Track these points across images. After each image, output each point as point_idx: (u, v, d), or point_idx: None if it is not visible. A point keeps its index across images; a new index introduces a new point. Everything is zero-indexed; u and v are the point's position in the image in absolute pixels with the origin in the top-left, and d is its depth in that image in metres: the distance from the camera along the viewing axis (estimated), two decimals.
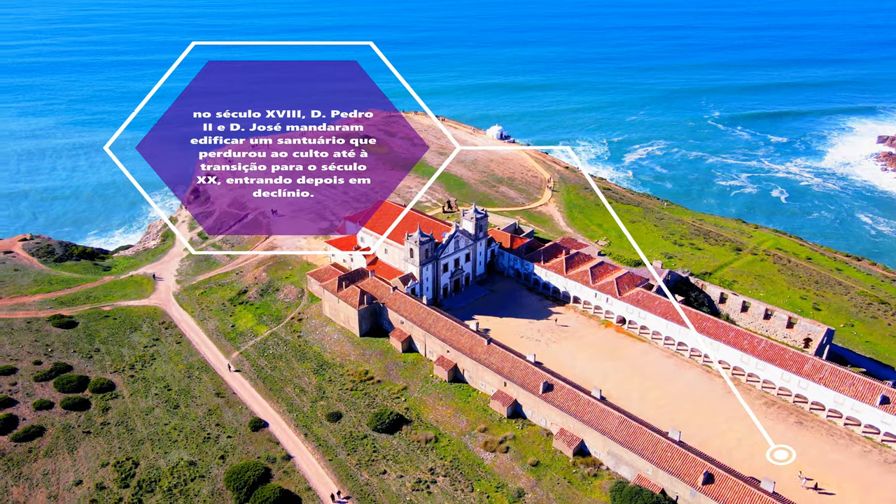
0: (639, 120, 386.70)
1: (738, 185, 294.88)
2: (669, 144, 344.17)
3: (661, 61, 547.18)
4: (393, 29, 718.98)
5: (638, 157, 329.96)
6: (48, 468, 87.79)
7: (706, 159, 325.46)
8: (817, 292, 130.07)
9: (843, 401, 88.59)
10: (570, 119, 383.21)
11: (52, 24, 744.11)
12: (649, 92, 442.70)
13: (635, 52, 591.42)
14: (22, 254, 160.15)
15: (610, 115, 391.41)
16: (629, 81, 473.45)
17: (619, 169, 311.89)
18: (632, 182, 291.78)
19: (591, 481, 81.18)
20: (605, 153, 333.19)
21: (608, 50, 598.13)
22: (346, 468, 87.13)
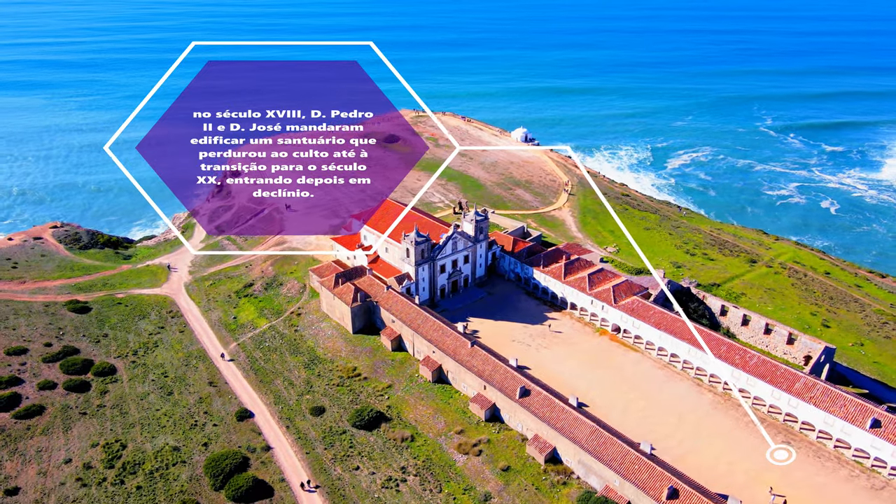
0: (685, 125, 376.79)
1: (786, 194, 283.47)
2: (716, 151, 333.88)
3: (716, 66, 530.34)
4: (445, 30, 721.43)
5: (682, 163, 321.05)
6: (42, 445, 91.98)
7: (753, 167, 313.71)
8: (830, 308, 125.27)
9: (833, 422, 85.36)
10: (614, 124, 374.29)
11: (116, 22, 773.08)
12: (700, 98, 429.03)
13: (690, 56, 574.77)
14: (50, 240, 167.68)
15: (657, 121, 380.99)
16: (681, 87, 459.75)
17: (660, 175, 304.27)
18: (673, 189, 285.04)
19: (560, 489, 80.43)
20: (647, 158, 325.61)
21: (662, 54, 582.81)
22: (322, 462, 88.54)
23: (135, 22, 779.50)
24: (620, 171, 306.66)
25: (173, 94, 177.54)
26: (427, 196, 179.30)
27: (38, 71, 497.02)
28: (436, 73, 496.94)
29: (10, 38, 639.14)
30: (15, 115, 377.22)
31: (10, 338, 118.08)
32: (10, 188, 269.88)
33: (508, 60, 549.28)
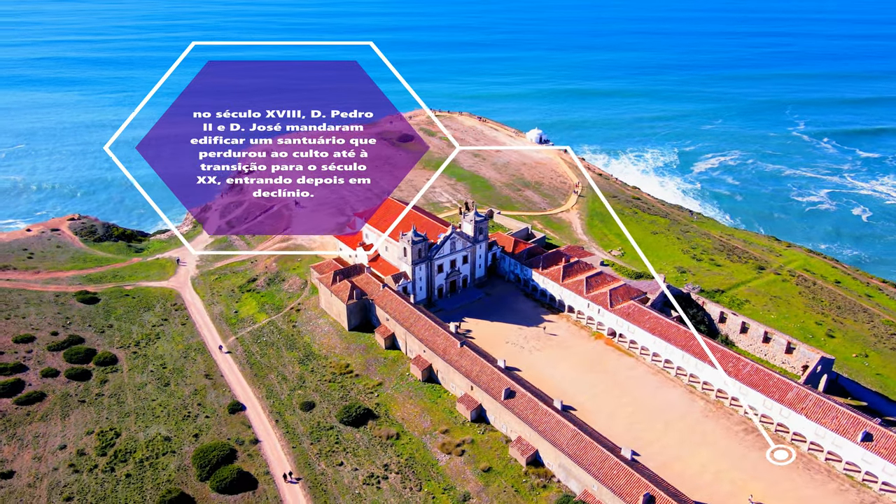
0: (714, 129, 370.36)
1: (816, 200, 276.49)
2: (744, 155, 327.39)
3: (749, 70, 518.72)
4: (472, 30, 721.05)
5: (709, 166, 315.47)
6: (40, 431, 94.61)
7: (783, 172, 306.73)
8: (836, 318, 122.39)
9: (824, 434, 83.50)
10: (641, 127, 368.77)
11: (151, 21, 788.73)
12: (731, 102, 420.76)
13: (722, 59, 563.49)
14: (67, 232, 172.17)
15: (685, 125, 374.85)
16: (711, 90, 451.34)
17: (686, 179, 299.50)
18: (698, 193, 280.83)
19: (539, 492, 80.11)
20: (673, 162, 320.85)
21: (696, 57, 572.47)
22: (307, 456, 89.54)
23: (169, 20, 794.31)
24: (645, 175, 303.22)
25: (182, 93, 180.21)
26: (435, 196, 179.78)
27: (75, 68, 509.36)
28: (461, 73, 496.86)
29: (51, 36, 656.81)
30: (51, 110, 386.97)
31: (20, 326, 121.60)
32: (43, 182, 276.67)
33: (535, 62, 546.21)
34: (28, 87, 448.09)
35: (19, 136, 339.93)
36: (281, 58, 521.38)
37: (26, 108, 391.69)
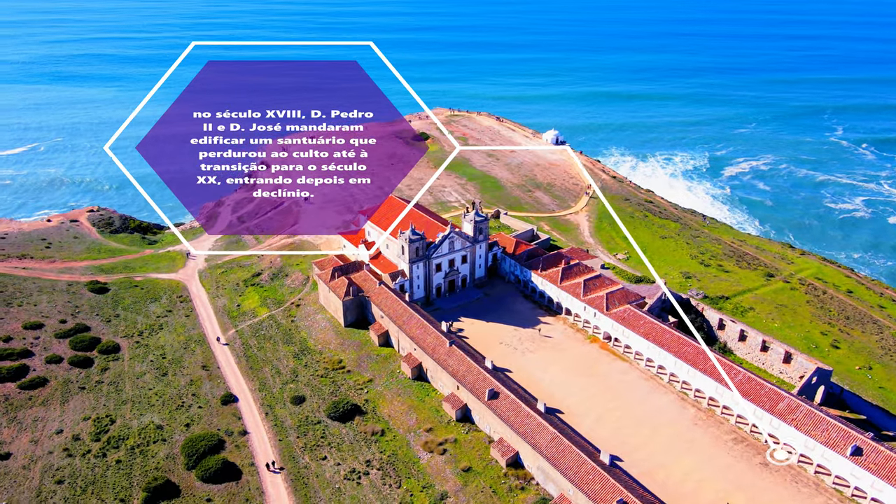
0: (747, 132, 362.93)
1: (850, 208, 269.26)
2: (777, 160, 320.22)
3: (788, 74, 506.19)
4: (507, 31, 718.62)
5: (739, 171, 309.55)
6: (39, 415, 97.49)
7: (816, 178, 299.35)
8: (843, 328, 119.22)
9: (813, 446, 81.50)
10: (673, 131, 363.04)
11: (188, 19, 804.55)
12: (767, 106, 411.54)
13: (762, 62, 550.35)
14: (85, 223, 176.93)
15: (717, 129, 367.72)
16: (747, 94, 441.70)
17: (715, 184, 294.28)
18: (727, 198, 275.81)
19: (517, 494, 79.82)
20: (703, 166, 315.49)
21: (732, 60, 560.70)
22: (292, 449, 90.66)
23: (205, 19, 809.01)
24: (673, 178, 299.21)
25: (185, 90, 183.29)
26: (444, 195, 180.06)
27: (115, 64, 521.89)
28: (491, 74, 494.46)
29: (93, 33, 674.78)
30: (89, 106, 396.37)
31: (31, 313, 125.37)
32: (77, 176, 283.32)
33: (567, 63, 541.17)
34: (69, 82, 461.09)
35: (59, 131, 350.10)
36: (282, 57, 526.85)
37: (67, 103, 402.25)
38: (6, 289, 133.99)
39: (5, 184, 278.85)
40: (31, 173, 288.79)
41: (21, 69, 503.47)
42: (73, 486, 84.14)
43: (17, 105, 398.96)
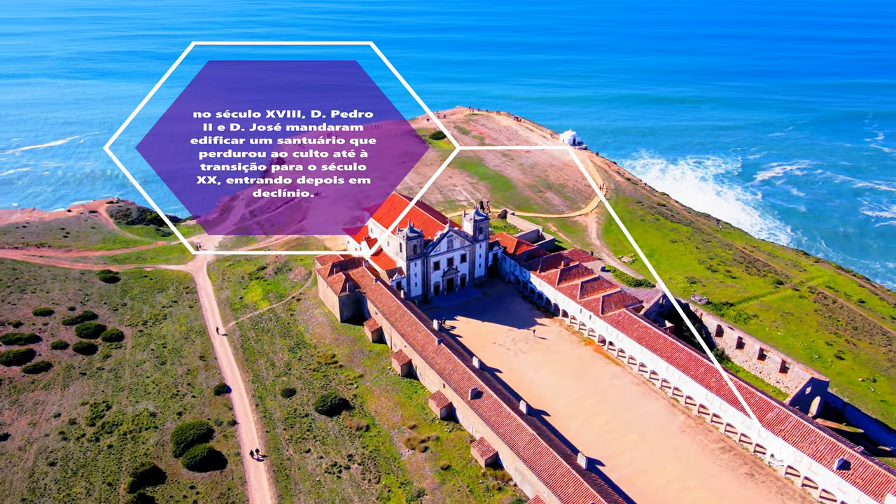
0: (783, 136, 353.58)
1: (888, 216, 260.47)
2: (813, 165, 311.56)
3: (830, 78, 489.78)
4: (532, 31, 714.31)
5: (773, 175, 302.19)
6: (39, 399, 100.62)
7: (853, 184, 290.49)
8: (850, 339, 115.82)
9: (801, 458, 79.52)
10: (706, 135, 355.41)
11: (228, 17, 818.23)
12: (806, 112, 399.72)
13: (802, 66, 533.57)
14: (103, 214, 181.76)
15: (753, 134, 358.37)
16: (787, 99, 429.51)
17: (747, 188, 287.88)
18: (759, 203, 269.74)
19: (494, 494, 79.61)
20: (735, 169, 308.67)
21: (771, 63, 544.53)
22: (278, 441, 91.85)
23: (244, 17, 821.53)
24: (703, 182, 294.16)
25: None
26: (454, 194, 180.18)
27: (156, 62, 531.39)
28: (522, 76, 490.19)
29: (137, 31, 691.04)
30: (127, 102, 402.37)
31: (43, 300, 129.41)
32: (110, 170, 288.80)
33: (600, 65, 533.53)
34: (109, 78, 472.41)
35: (99, 125, 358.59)
36: (282, 58, 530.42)
37: (106, 98, 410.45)
38: (22, 275, 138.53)
39: (44, 175, 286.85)
40: (69, 166, 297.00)
41: (65, 64, 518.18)
42: (64, 468, 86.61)
43: (61, 99, 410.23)
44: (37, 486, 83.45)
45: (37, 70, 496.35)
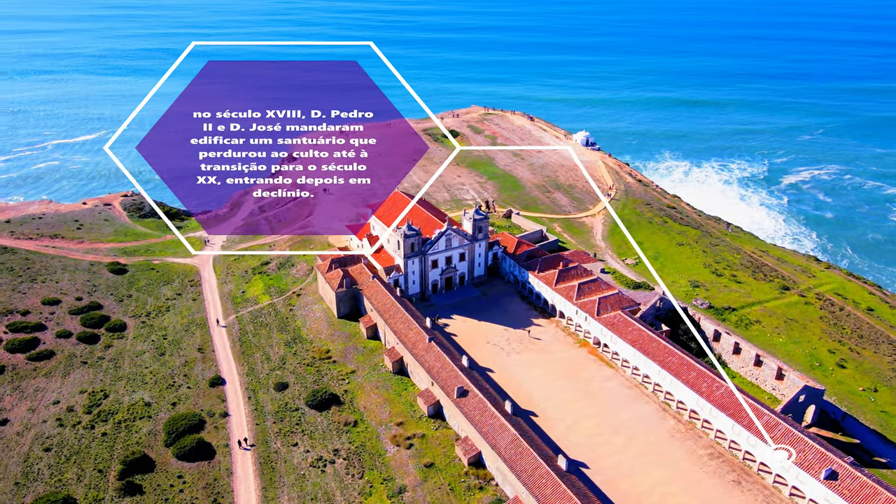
0: (811, 141, 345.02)
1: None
2: (842, 170, 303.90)
3: (865, 82, 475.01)
4: (557, 32, 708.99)
5: (800, 179, 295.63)
6: (40, 386, 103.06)
7: (884, 190, 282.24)
8: (854, 347, 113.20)
9: (788, 467, 78.10)
10: (733, 139, 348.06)
11: (259, 16, 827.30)
12: (840, 116, 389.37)
13: (841, 69, 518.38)
14: (117, 207, 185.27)
15: (781, 138, 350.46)
16: (822, 103, 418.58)
17: (772, 192, 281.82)
18: (784, 208, 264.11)
19: (474, 493, 79.54)
20: (761, 173, 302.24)
21: (801, 65, 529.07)
22: (266, 434, 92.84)
23: (278, 15, 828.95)
24: (727, 185, 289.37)
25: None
26: (461, 193, 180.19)
27: (185, 60, 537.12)
28: (548, 76, 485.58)
29: (167, 28, 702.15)
30: (154, 99, 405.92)
31: (52, 289, 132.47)
32: (135, 167, 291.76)
33: (627, 66, 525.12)
34: (138, 75, 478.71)
35: (128, 121, 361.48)
36: (282, 58, 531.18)
37: (135, 95, 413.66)
38: (33, 265, 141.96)
39: (73, 168, 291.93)
40: (97, 161, 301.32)
41: (97, 61, 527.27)
42: (58, 454, 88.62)
43: (93, 95, 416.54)
44: (30, 471, 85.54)
45: (70, 66, 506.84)
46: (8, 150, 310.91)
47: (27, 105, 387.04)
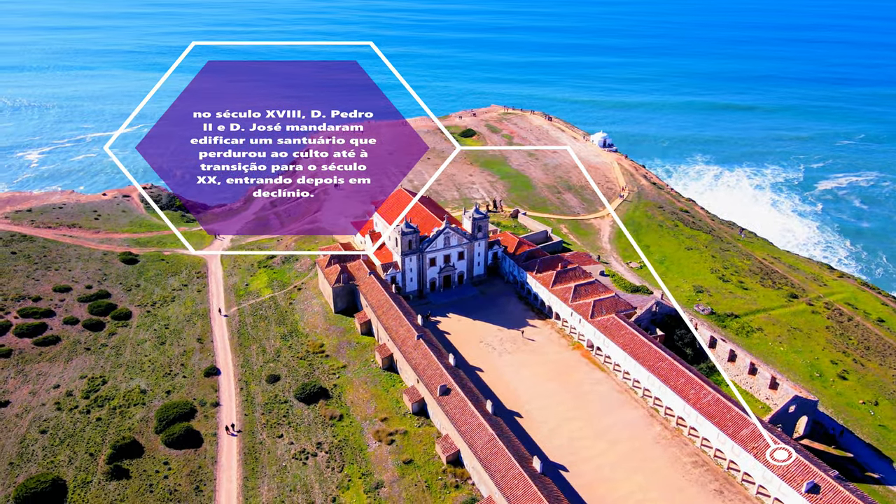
0: (851, 146, 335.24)
1: None
2: (881, 177, 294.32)
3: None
4: (599, 34, 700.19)
5: (835, 185, 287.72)
6: (43, 370, 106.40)
7: None
8: (859, 359, 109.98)
9: (770, 478, 76.44)
10: (768, 145, 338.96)
11: (292, 14, 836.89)
12: (884, 123, 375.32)
13: (878, 75, 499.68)
14: (135, 199, 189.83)
15: (820, 145, 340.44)
16: (865, 109, 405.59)
17: (806, 199, 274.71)
18: (817, 215, 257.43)
19: (450, 492, 79.66)
20: (795, 178, 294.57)
21: (843, 70, 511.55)
22: (254, 424, 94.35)
23: (313, 14, 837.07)
24: (759, 190, 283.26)
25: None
26: (471, 192, 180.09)
27: (213, 57, 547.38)
28: (580, 78, 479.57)
29: (201, 26, 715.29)
30: (186, 96, 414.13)
31: (64, 277, 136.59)
32: (162, 164, 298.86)
33: (663, 68, 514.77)
34: (177, 72, 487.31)
35: (162, 118, 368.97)
36: (282, 58, 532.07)
37: (169, 92, 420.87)
38: (49, 253, 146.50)
39: (108, 161, 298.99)
40: (134, 155, 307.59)
41: (135, 58, 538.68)
42: (53, 436, 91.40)
43: (135, 91, 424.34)
44: (25, 452, 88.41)
45: (111, 62, 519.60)
46: (48, 142, 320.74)
47: (67, 100, 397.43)
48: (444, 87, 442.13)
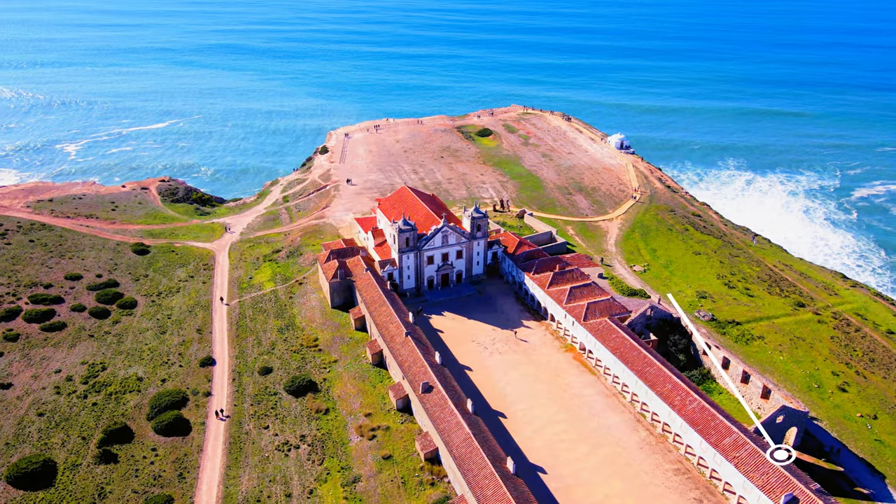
0: (892, 153, 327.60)
1: None
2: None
3: None
4: (640, 36, 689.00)
5: (873, 192, 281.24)
6: (47, 355, 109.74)
7: None
8: (862, 371, 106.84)
9: (750, 489, 74.97)
10: (804, 152, 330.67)
11: (323, 13, 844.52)
12: None
13: None
14: (153, 191, 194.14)
15: (856, 152, 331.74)
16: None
17: (841, 206, 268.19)
18: (852, 223, 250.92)
19: (425, 489, 79.97)
20: (831, 185, 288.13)
21: (887, 75, 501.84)
22: (242, 415, 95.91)
23: (341, 13, 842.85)
24: (792, 196, 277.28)
25: None
26: (480, 191, 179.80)
27: (248, 56, 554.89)
28: (619, 82, 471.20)
29: (240, 25, 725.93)
30: (228, 94, 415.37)
31: (77, 266, 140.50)
32: (190, 161, 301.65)
33: (704, 73, 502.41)
34: (211, 68, 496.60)
35: (199, 114, 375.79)
36: None
37: (199, 91, 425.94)
38: (65, 242, 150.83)
39: (143, 155, 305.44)
40: (166, 150, 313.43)
41: (176, 55, 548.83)
42: (49, 419, 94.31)
43: (179, 89, 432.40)
44: (22, 433, 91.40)
45: (152, 59, 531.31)
46: (86, 135, 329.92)
47: (105, 97, 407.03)
48: (478, 88, 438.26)
